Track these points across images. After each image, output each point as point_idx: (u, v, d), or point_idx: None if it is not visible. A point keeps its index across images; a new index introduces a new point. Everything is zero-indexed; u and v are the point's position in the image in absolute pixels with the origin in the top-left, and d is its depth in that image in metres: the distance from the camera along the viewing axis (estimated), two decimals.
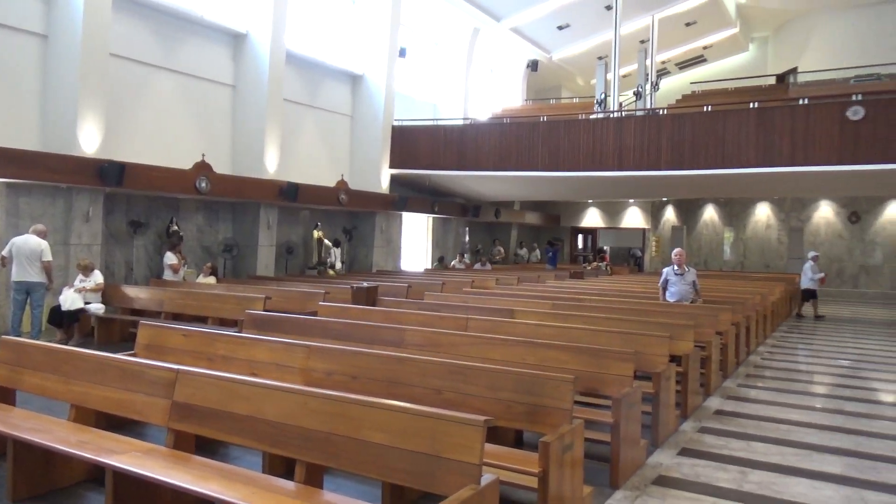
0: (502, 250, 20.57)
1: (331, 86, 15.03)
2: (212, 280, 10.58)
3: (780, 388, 7.52)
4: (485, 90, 21.90)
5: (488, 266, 17.07)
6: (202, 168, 10.85)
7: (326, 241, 14.06)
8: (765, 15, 22.51)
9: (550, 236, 24.55)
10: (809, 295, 14.23)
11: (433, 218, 18.43)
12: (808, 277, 14.12)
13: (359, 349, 4.55)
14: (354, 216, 15.36)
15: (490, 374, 3.88)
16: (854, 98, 12.30)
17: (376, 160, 15.47)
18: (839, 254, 20.17)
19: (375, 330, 5.68)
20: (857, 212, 19.92)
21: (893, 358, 9.76)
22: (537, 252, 21.92)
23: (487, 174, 15.43)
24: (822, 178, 13.46)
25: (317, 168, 14.51)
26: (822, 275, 14.40)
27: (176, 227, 11.08)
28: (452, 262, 17.82)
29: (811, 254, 14.71)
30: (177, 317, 8.32)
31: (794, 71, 22.06)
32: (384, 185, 15.54)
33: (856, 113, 12.02)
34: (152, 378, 3.65)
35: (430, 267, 17.80)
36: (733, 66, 24.79)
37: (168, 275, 10.40)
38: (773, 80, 22.39)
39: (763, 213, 21.28)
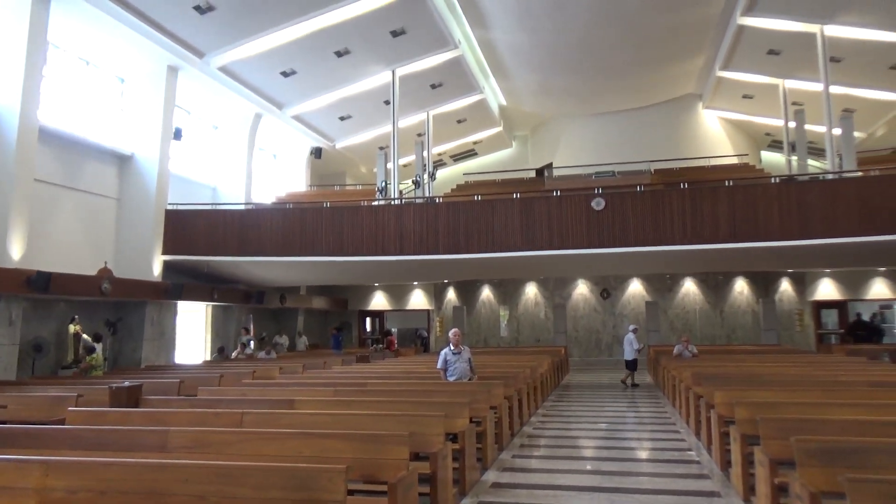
0: (286, 338, 19.71)
1: (95, 166, 13.89)
2: None
3: (549, 455, 8.10)
4: (268, 174, 21.73)
5: (273, 354, 16.42)
6: None
7: (85, 336, 12.55)
8: (523, 116, 25.48)
9: (339, 320, 24.47)
10: (632, 366, 15.67)
11: (213, 306, 17.44)
12: (631, 349, 15.55)
13: (111, 459, 4.08)
14: (120, 307, 13.99)
15: (260, 472, 3.68)
16: (596, 191, 14.26)
17: (147, 246, 14.41)
18: (595, 326, 22.68)
19: (135, 434, 5.13)
20: (607, 289, 22.71)
21: (643, 418, 11.05)
22: (304, 339, 20.87)
23: (271, 259, 15.10)
24: (576, 260, 15.18)
25: (76, 255, 13.11)
26: (641, 346, 15.91)
27: None
28: (234, 353, 16.88)
29: (631, 327, 16.19)
30: None
31: (549, 166, 25.09)
32: (156, 273, 14.46)
33: (598, 204, 13.91)
34: None
35: (208, 359, 16.66)
36: (500, 158, 27.49)
37: None
38: (533, 174, 25.22)
39: (532, 291, 23.34)
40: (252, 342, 17.17)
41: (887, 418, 5.39)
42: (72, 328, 12.51)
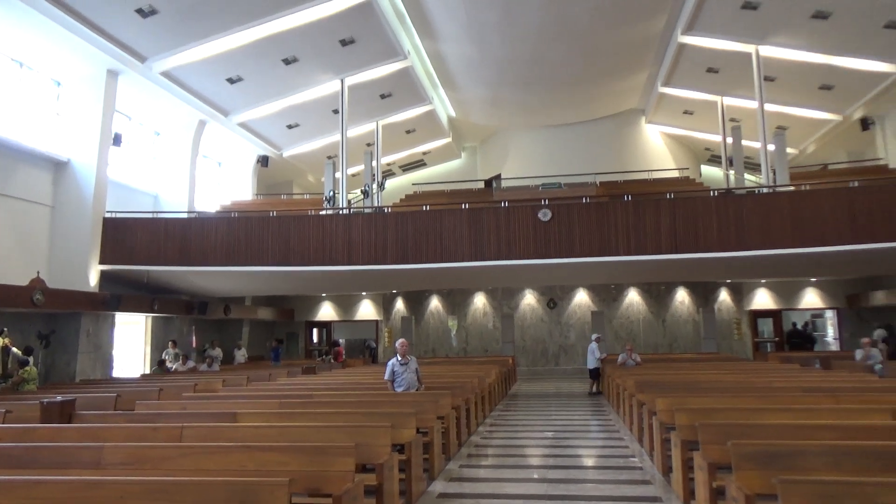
0: (220, 351, 18.05)
1: (28, 172, 13.33)
2: None
3: (497, 464, 8.13)
4: (213, 182, 21.27)
5: (216, 367, 16.01)
6: None
7: (15, 350, 11.96)
8: (472, 128, 25.70)
9: (284, 332, 24.06)
10: (594, 374, 15.93)
11: (153, 318, 16.90)
12: (594, 357, 15.87)
13: (41, 477, 3.89)
14: (53, 319, 13.41)
15: (198, 487, 3.58)
16: (543, 202, 14.48)
17: (83, 255, 13.89)
18: (542, 336, 22.93)
19: (67, 451, 4.92)
20: (554, 299, 23.01)
21: (587, 426, 11.22)
22: (243, 352, 19.39)
23: (215, 269, 14.76)
24: (523, 270, 15.35)
25: (6, 264, 12.51)
26: (604, 354, 16.34)
27: None
28: (175, 366, 16.37)
29: (594, 336, 16.51)
30: None
31: (498, 177, 25.34)
32: (92, 283, 13.93)
33: (545, 215, 14.11)
34: None
35: (148, 372, 16.11)
36: (449, 169, 27.63)
37: None
38: (482, 185, 25.42)
39: (480, 301, 23.46)
40: (172, 355, 16.20)
41: (817, 422, 5.62)
42: (0, 341, 11.91)
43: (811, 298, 21.64)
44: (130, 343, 16.52)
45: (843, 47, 15.13)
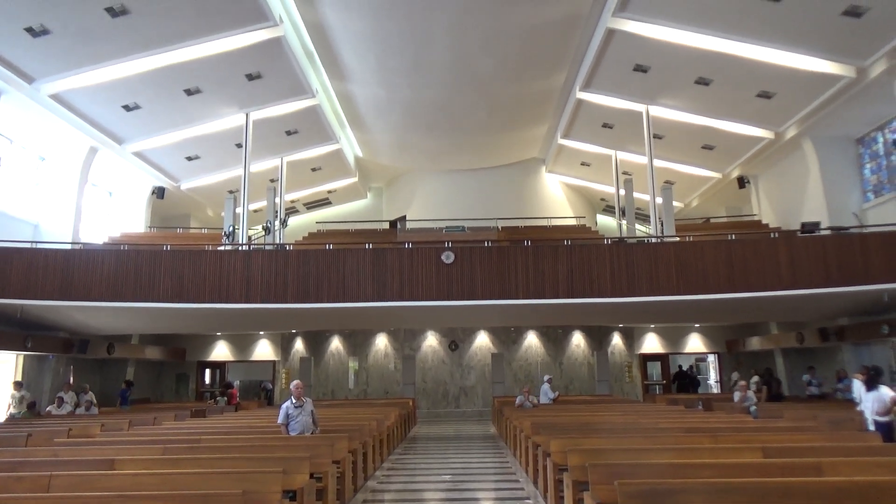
0: (92, 395, 15.87)
1: None
2: None
3: None
4: (102, 213, 20.12)
5: (95, 410, 14.89)
6: None
7: None
8: (378, 169, 25.84)
9: (175, 372, 22.81)
10: None
11: (25, 356, 15.56)
12: (547, 398, 16.08)
13: None
14: None
15: None
16: (446, 245, 14.68)
17: None
18: (443, 378, 22.95)
19: None
20: (455, 340, 23.17)
21: (486, 468, 11.25)
22: (91, 396, 15.92)
23: (99, 305, 13.84)
24: (426, 311, 15.42)
25: None
26: (557, 394, 16.67)
27: None
28: (49, 408, 15.09)
29: (546, 377, 16.92)
30: None
31: (403, 219, 25.52)
32: None
33: (448, 257, 14.30)
34: None
35: (14, 413, 14.73)
36: (355, 209, 27.53)
37: None
38: (387, 225, 25.48)
39: (382, 343, 23.25)
40: (16, 399, 14.57)
41: (698, 461, 5.93)
42: None
43: (695, 343, 22.96)
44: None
45: (722, 112, 16.53)
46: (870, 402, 8.99)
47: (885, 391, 8.79)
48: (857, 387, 9.91)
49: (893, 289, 12.94)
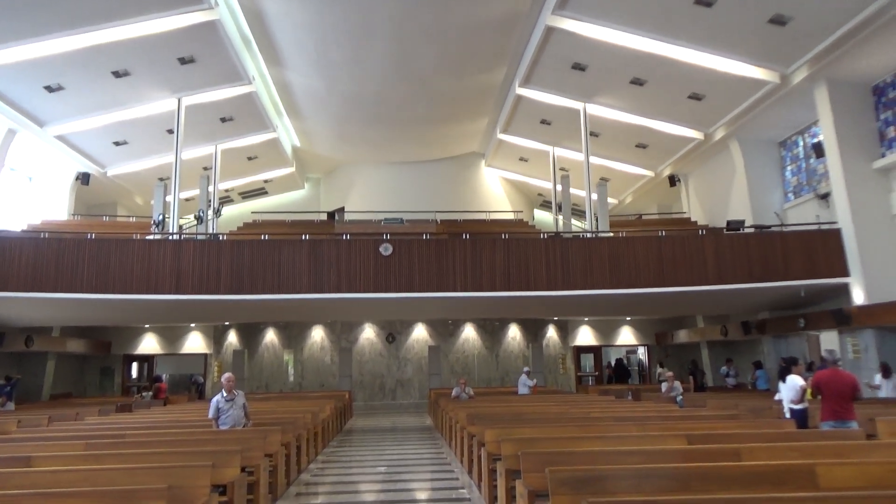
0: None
1: None
2: None
3: (326, 502, 7.91)
4: (20, 199, 19.07)
5: (11, 406, 14.16)
6: None
7: None
8: (317, 159, 25.45)
9: (100, 365, 21.93)
10: None
11: None
12: (526, 387, 16.37)
13: None
14: None
15: None
16: (385, 237, 14.60)
17: None
18: (380, 370, 22.88)
19: None
20: (393, 333, 23.13)
21: (421, 459, 11.29)
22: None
23: (15, 295, 13.13)
24: (363, 304, 15.31)
25: None
26: (534, 382, 16.97)
27: None
28: None
29: (525, 369, 17.51)
30: None
31: (341, 210, 25.17)
32: None
33: (386, 249, 14.22)
34: None
35: None
36: (292, 199, 27.04)
37: None
38: (324, 216, 25.13)
39: (318, 335, 22.98)
40: None
41: (625, 448, 6.12)
42: None
43: (626, 336, 23.67)
44: None
45: (655, 112, 17.04)
46: (785, 391, 9.47)
47: (796, 380, 9.26)
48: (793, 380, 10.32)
49: (810, 285, 13.70)
